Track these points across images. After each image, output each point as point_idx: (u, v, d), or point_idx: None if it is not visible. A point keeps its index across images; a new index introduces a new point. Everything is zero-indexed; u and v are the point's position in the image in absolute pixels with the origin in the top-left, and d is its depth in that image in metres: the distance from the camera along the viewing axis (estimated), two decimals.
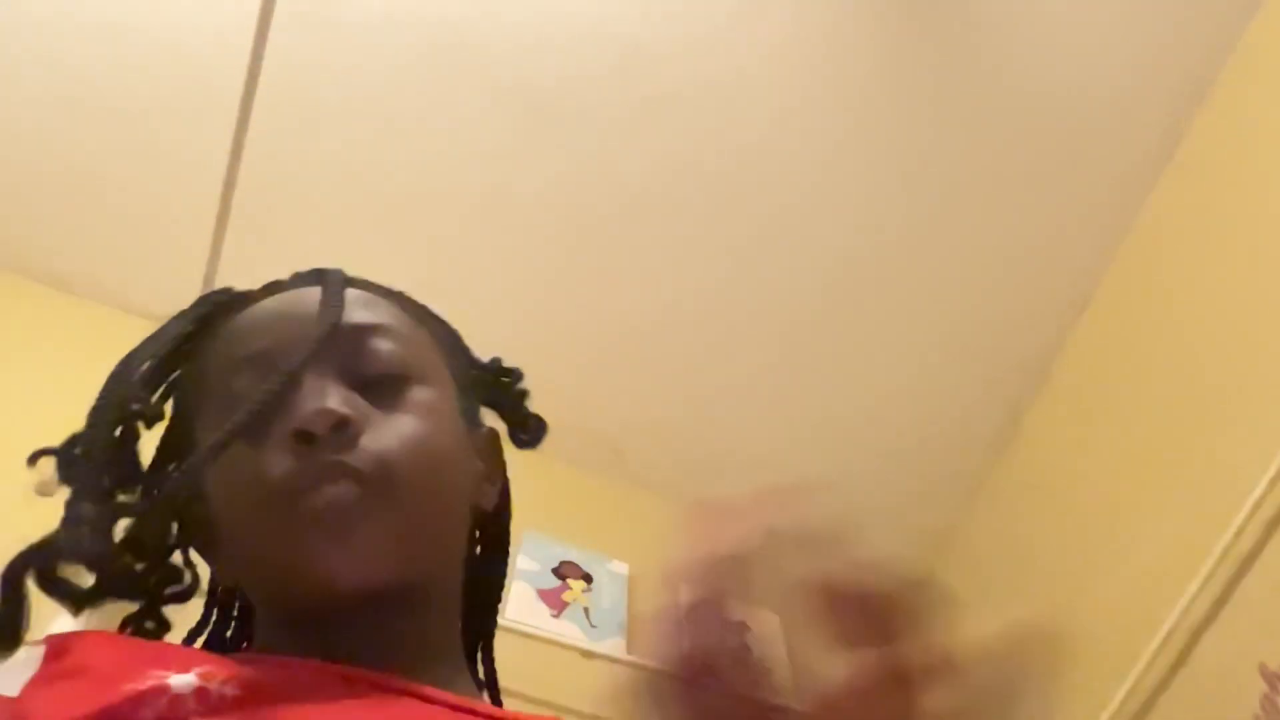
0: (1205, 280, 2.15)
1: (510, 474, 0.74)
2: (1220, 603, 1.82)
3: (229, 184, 1.63)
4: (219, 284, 1.68)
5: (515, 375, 0.76)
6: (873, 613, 0.40)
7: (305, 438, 0.56)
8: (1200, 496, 1.94)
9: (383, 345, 0.62)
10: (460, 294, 0.74)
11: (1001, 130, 2.33)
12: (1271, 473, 1.76)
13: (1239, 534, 1.79)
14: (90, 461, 0.61)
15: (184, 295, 0.71)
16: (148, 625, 0.66)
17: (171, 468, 0.66)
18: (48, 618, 1.52)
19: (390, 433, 0.58)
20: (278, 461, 0.56)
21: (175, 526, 0.66)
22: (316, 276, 0.68)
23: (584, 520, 2.25)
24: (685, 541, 0.42)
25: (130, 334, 0.68)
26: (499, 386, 0.75)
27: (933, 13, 2.26)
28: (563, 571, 2.18)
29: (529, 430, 0.75)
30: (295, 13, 1.66)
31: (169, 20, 2.15)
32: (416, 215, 2.31)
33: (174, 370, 0.68)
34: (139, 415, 0.64)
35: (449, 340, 0.72)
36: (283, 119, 2.06)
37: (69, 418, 0.66)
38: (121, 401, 0.63)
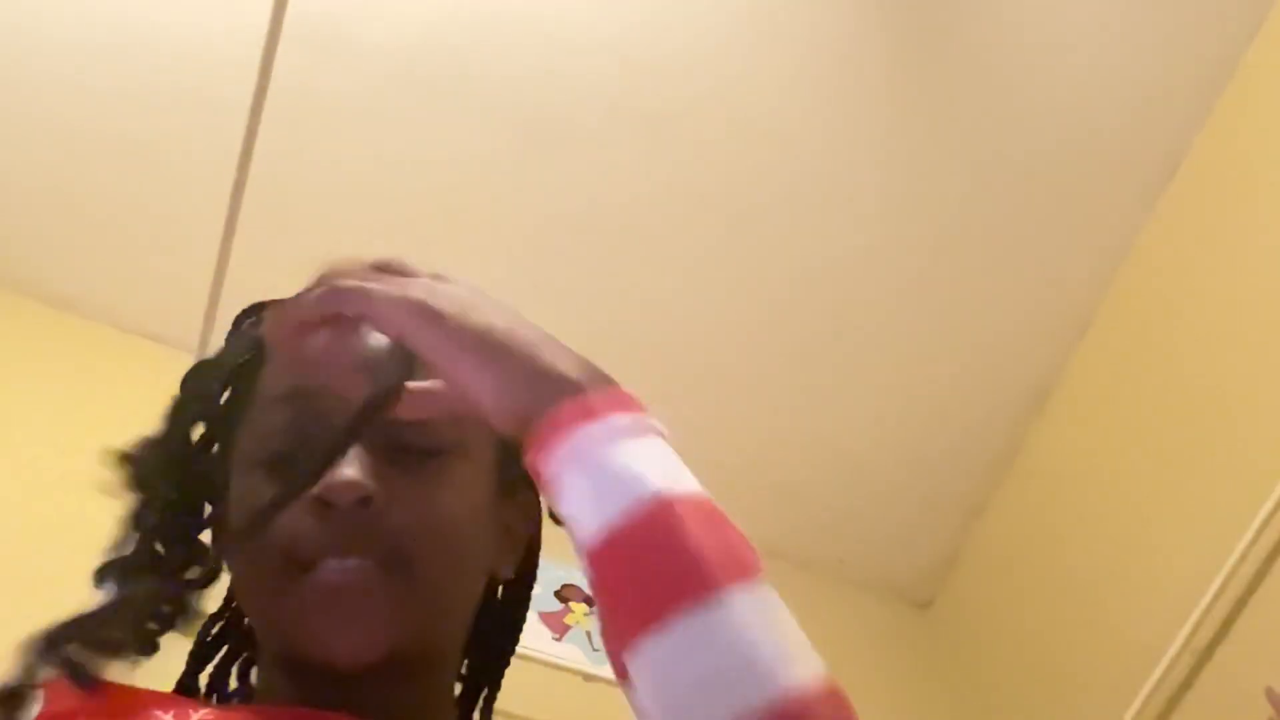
0: (1206, 302, 2.15)
1: None
2: (1226, 627, 1.81)
3: (234, 205, 1.63)
4: (223, 306, 1.69)
5: None
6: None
7: (326, 505, 0.55)
8: (1204, 519, 1.94)
9: (426, 414, 0.59)
10: None
11: (1004, 153, 2.34)
12: (1276, 496, 1.76)
13: (1243, 558, 1.79)
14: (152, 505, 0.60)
15: (188, 317, 0.71)
16: (164, 609, 0.63)
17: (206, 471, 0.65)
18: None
19: (414, 511, 0.57)
20: (294, 521, 0.55)
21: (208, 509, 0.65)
22: None
23: None
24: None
25: (133, 356, 0.68)
26: None
27: (936, 37, 2.27)
28: (565, 594, 2.17)
29: None
30: (302, 34, 1.67)
31: (175, 41, 2.17)
32: (420, 237, 2.32)
33: (244, 375, 0.66)
34: (202, 419, 0.63)
35: None
36: (289, 140, 2.07)
37: (71, 437, 0.66)
38: (195, 404, 0.63)
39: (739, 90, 2.28)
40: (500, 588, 0.71)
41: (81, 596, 0.64)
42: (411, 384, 0.54)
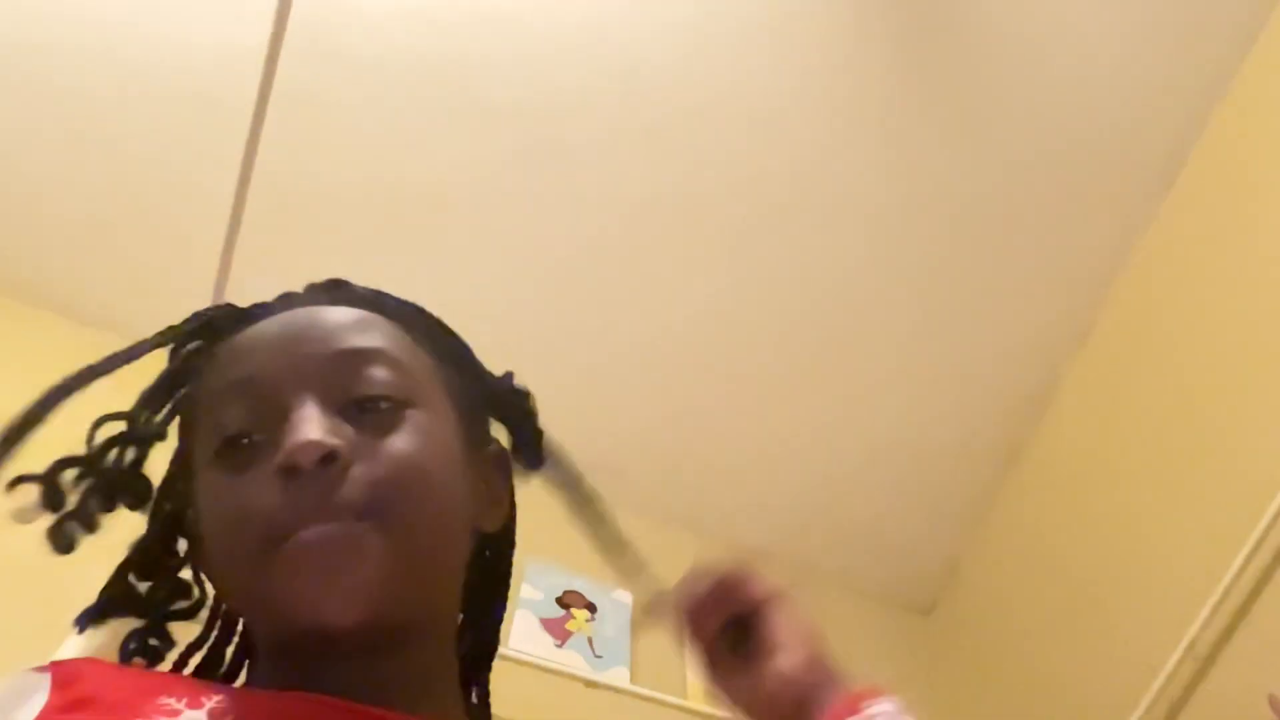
0: (1208, 305, 2.15)
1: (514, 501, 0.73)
2: (1228, 634, 1.81)
3: (237, 210, 1.64)
4: None
5: (523, 394, 0.73)
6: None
7: (292, 472, 0.54)
8: (1206, 525, 1.94)
9: (374, 371, 0.60)
10: (465, 317, 0.73)
11: (1006, 157, 2.34)
12: (1278, 501, 1.75)
13: (1245, 564, 1.79)
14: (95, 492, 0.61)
15: None
16: (151, 642, 0.65)
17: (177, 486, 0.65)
18: (50, 643, 1.50)
19: (381, 459, 0.56)
20: (264, 496, 0.55)
21: (184, 543, 0.65)
22: (315, 294, 0.67)
23: (588, 549, 2.24)
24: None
25: (138, 363, 0.68)
26: (508, 406, 0.73)
27: (937, 43, 2.28)
28: (566, 600, 2.17)
29: (537, 452, 0.73)
30: (304, 42, 1.67)
31: (178, 48, 2.17)
32: (422, 241, 2.32)
33: (179, 387, 0.66)
34: (139, 439, 0.63)
35: (455, 357, 0.69)
36: (291, 146, 2.07)
37: (73, 442, 0.66)
38: (129, 422, 0.64)
39: (739, 97, 2.28)
40: (486, 548, 0.70)
41: (80, 601, 0.64)
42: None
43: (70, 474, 0.62)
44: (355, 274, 0.71)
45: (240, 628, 0.69)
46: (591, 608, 2.18)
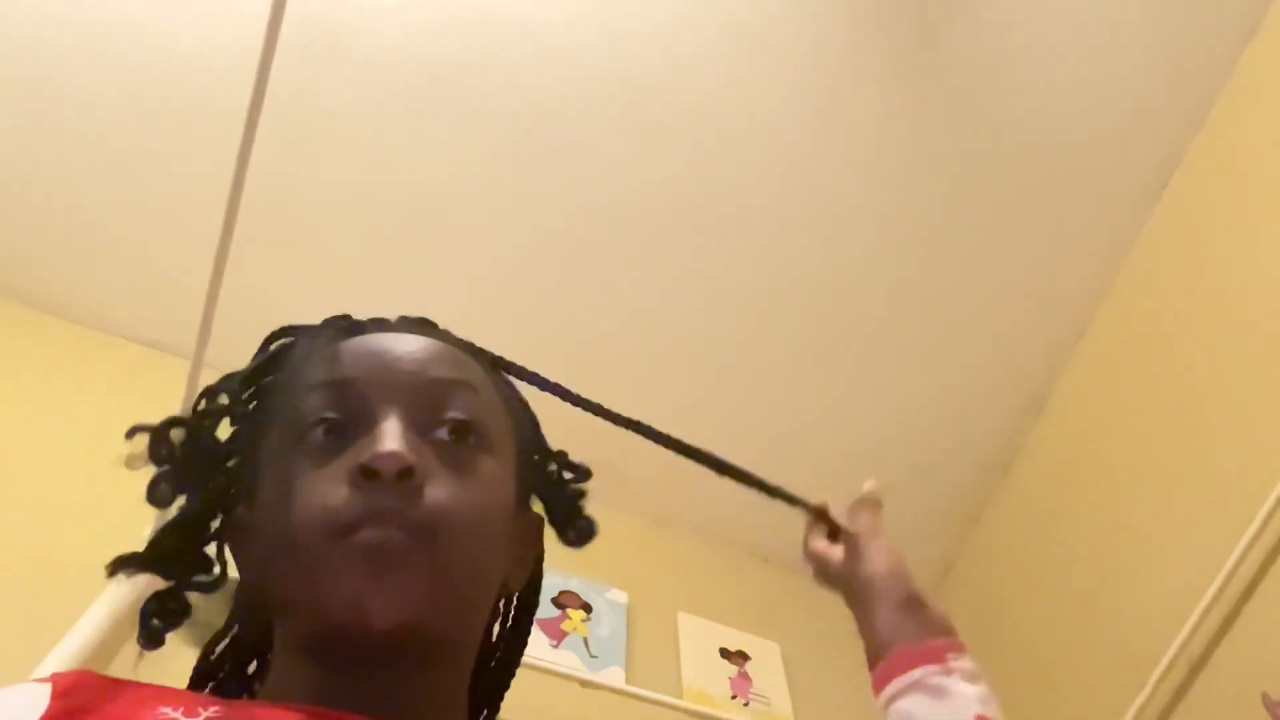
0: (1202, 309, 2.15)
1: None
2: (1221, 632, 1.82)
3: (230, 212, 1.64)
4: (220, 313, 1.68)
5: (580, 474, 0.77)
6: None
7: (370, 474, 0.57)
8: (1200, 525, 1.94)
9: (463, 405, 0.63)
10: (459, 320, 0.74)
11: (1000, 161, 2.35)
12: (1271, 501, 1.76)
13: (1239, 564, 1.79)
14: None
15: (184, 324, 0.72)
16: (170, 606, 0.67)
17: (232, 464, 0.68)
18: (40, 652, 1.50)
19: (449, 492, 0.59)
20: (337, 491, 0.57)
21: (218, 520, 0.68)
22: (415, 324, 0.70)
23: (583, 549, 2.24)
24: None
25: (132, 362, 0.68)
26: (559, 480, 0.76)
27: (929, 45, 2.28)
28: (562, 601, 2.17)
29: (578, 532, 0.77)
30: (299, 42, 1.67)
31: (171, 49, 2.17)
32: (417, 243, 2.32)
33: (266, 375, 0.70)
34: (232, 414, 0.68)
35: (525, 420, 0.73)
36: (286, 148, 2.07)
37: (66, 445, 0.66)
38: (220, 398, 0.67)
39: (733, 100, 2.28)
40: (507, 603, 0.74)
41: (79, 599, 0.64)
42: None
43: (178, 433, 0.66)
44: (350, 276, 0.72)
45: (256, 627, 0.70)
46: (587, 608, 2.18)
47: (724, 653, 2.25)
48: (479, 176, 2.29)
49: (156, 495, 0.65)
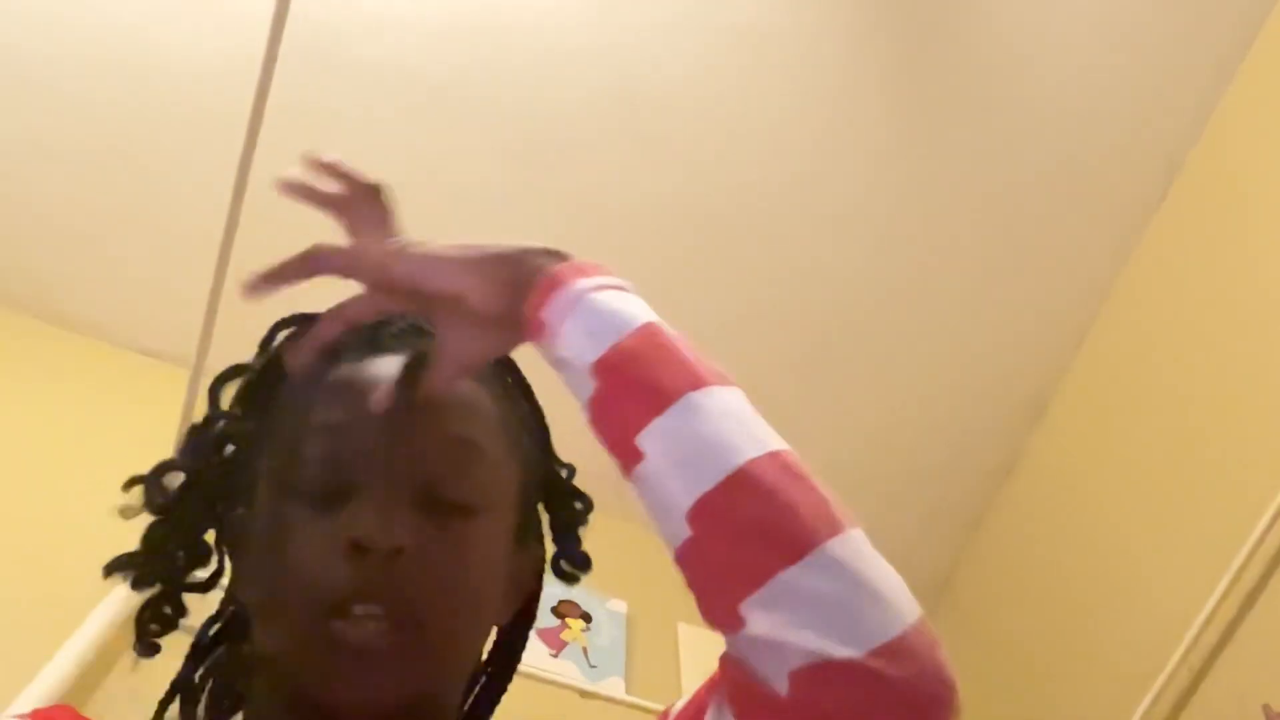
0: (1202, 315, 2.15)
1: None
2: (1223, 643, 1.81)
3: (231, 221, 1.64)
4: (220, 322, 1.67)
5: (585, 504, 0.75)
6: None
7: (359, 550, 0.55)
8: (1201, 533, 1.94)
9: (465, 471, 0.60)
10: None
11: (1002, 166, 2.35)
12: (1272, 509, 1.76)
13: (1240, 573, 1.79)
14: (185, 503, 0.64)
15: (185, 334, 0.71)
16: (166, 610, 0.66)
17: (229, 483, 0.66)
18: (39, 661, 1.49)
19: (439, 570, 0.58)
20: (326, 560, 0.56)
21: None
22: (416, 339, 0.65)
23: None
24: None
25: (132, 372, 0.68)
26: (563, 506, 0.74)
27: (931, 50, 2.29)
28: (561, 610, 2.16)
29: (572, 563, 0.74)
30: (300, 50, 1.68)
31: (173, 58, 2.17)
32: None
33: (267, 385, 0.67)
34: (230, 437, 0.65)
35: (532, 433, 0.70)
36: (287, 156, 2.08)
37: (68, 452, 0.66)
38: (215, 427, 0.65)
39: (737, 105, 2.29)
40: (497, 632, 0.72)
41: (81, 607, 0.64)
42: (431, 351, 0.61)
43: (173, 477, 0.64)
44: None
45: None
46: (586, 618, 2.18)
47: None
48: (482, 184, 2.29)
49: (155, 542, 0.64)
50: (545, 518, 0.74)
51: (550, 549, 0.74)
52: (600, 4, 2.21)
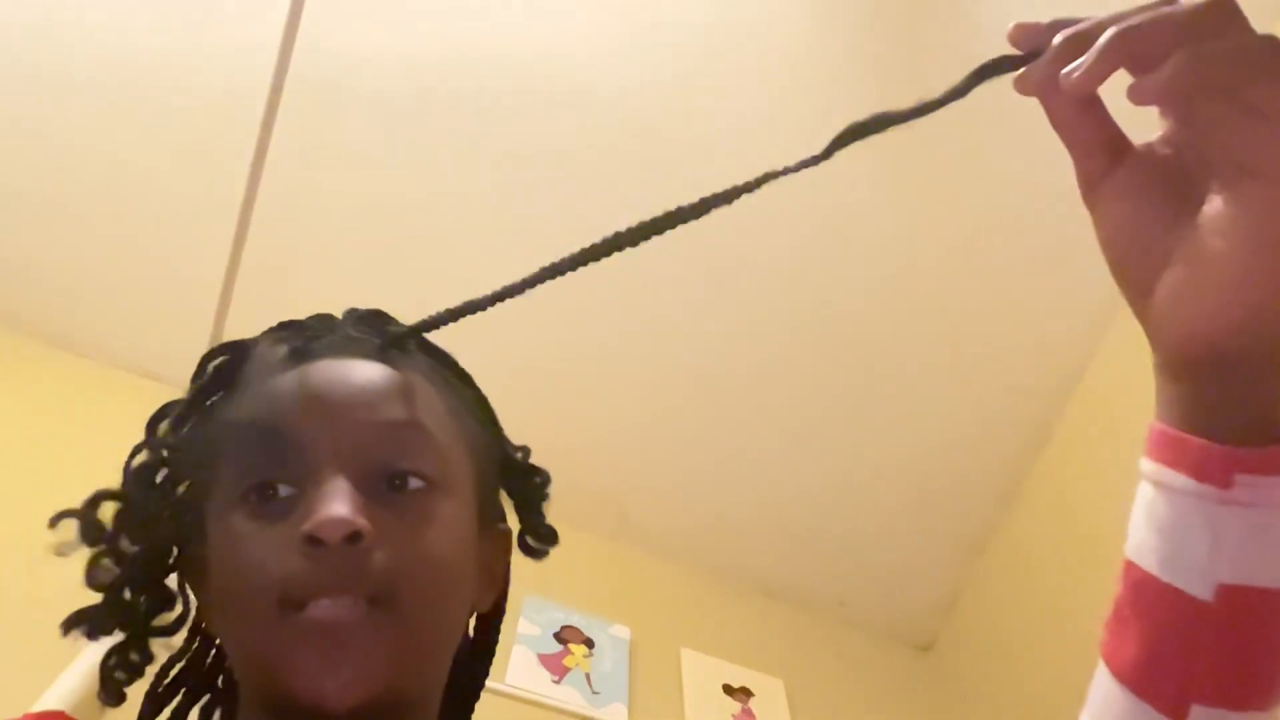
0: None
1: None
2: None
3: (237, 245, 1.64)
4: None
5: (542, 478, 0.74)
6: None
7: (315, 543, 0.55)
8: None
9: (413, 451, 0.60)
10: (465, 352, 0.74)
11: (1005, 190, 2.35)
12: None
13: None
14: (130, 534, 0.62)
15: (190, 355, 0.71)
16: (132, 657, 0.65)
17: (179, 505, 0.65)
18: (34, 693, 1.48)
19: (403, 550, 0.57)
20: (284, 559, 0.55)
21: (175, 552, 0.66)
22: (356, 326, 0.66)
23: (586, 584, 2.23)
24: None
25: (135, 395, 0.68)
26: (522, 484, 0.74)
27: (933, 74, 2.29)
28: (564, 636, 2.15)
29: (539, 538, 0.73)
30: (306, 78, 1.69)
31: (178, 82, 2.19)
32: (425, 264, 2.33)
33: (207, 402, 0.67)
34: (168, 464, 0.63)
35: (482, 419, 0.70)
36: (292, 181, 2.09)
37: (69, 476, 0.66)
38: (152, 455, 0.63)
39: (736, 127, 2.30)
40: (474, 621, 0.71)
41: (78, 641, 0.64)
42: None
43: (109, 506, 0.62)
44: (357, 299, 0.72)
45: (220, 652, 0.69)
46: (589, 643, 2.17)
47: (727, 689, 2.23)
48: (489, 200, 2.30)
49: (98, 577, 0.62)
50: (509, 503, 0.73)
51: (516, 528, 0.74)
52: (609, 39, 2.22)
